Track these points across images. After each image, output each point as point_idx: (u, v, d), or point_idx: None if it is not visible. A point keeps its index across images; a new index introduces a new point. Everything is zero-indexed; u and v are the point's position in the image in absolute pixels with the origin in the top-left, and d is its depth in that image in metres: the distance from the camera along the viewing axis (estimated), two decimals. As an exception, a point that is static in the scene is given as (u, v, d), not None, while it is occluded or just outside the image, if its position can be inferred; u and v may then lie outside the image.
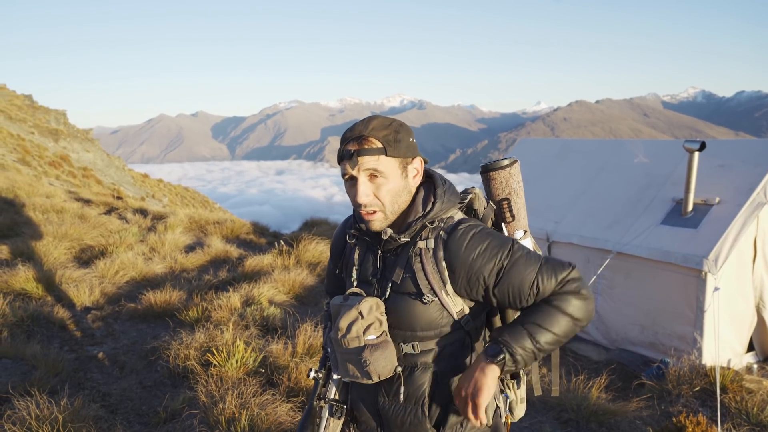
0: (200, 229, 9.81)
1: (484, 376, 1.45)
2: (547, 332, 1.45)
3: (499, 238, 1.52)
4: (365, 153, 1.48)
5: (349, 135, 1.52)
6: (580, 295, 1.48)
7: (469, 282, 1.50)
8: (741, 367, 5.47)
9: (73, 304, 5.62)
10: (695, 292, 5.19)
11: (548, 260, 1.51)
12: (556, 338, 1.46)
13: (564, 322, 1.46)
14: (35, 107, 33.62)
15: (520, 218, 1.74)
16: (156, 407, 3.72)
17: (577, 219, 6.45)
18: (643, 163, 6.52)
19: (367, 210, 1.52)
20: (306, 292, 6.63)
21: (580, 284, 1.49)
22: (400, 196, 1.54)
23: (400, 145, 1.51)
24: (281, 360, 4.21)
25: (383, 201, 1.52)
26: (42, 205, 9.76)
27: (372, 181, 1.51)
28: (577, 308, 1.47)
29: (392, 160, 1.51)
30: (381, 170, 1.49)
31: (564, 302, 1.47)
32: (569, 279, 1.48)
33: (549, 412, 4.31)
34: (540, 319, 1.46)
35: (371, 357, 1.49)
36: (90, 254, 7.47)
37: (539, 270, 1.48)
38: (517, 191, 1.73)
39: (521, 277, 1.48)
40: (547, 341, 1.45)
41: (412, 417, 1.57)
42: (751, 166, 5.49)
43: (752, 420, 4.23)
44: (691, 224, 5.45)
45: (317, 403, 1.68)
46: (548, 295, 1.49)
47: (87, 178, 22.07)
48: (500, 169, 1.73)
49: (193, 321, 5.13)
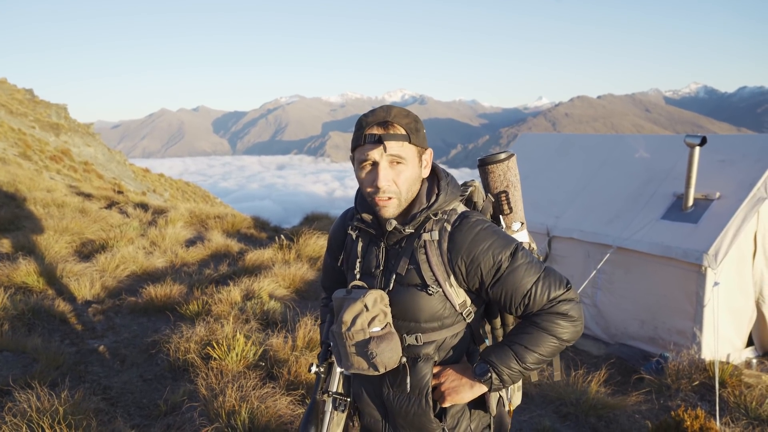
0: (201, 224, 9.82)
1: (469, 392, 1.55)
2: (532, 353, 1.50)
3: (504, 239, 1.53)
4: (391, 138, 1.48)
5: (371, 119, 1.50)
6: (569, 317, 1.50)
7: (467, 275, 1.52)
8: (740, 361, 5.49)
9: (74, 298, 5.63)
10: (695, 286, 5.20)
11: (547, 274, 1.52)
12: (542, 358, 1.52)
13: (550, 343, 1.50)
14: (36, 101, 33.61)
15: (517, 210, 1.76)
16: (156, 400, 3.73)
17: (577, 214, 6.45)
18: (644, 158, 6.51)
19: (382, 196, 1.52)
20: (306, 286, 6.64)
21: (571, 306, 1.50)
22: (414, 185, 1.56)
23: (419, 134, 1.54)
24: (281, 353, 4.22)
25: (400, 188, 1.53)
26: (43, 199, 9.77)
27: (392, 167, 1.51)
28: (564, 330, 1.50)
29: (413, 148, 1.53)
30: (404, 156, 1.51)
31: (551, 324, 1.49)
32: (561, 299, 1.50)
33: (548, 406, 4.32)
34: (526, 340, 1.50)
35: (377, 349, 1.50)
36: (91, 248, 7.48)
37: (535, 283, 1.49)
38: (514, 184, 1.76)
39: (516, 285, 1.50)
40: (533, 361, 1.51)
41: (416, 407, 1.58)
42: (752, 161, 5.49)
43: (751, 414, 4.25)
44: (691, 219, 5.45)
45: (320, 397, 1.69)
46: (537, 310, 1.51)
47: (88, 172, 22.08)
48: (498, 162, 1.75)
49: (194, 315, 5.15)
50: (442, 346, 1.59)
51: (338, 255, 1.77)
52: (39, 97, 34.90)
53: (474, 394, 1.55)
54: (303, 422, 1.64)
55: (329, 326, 1.73)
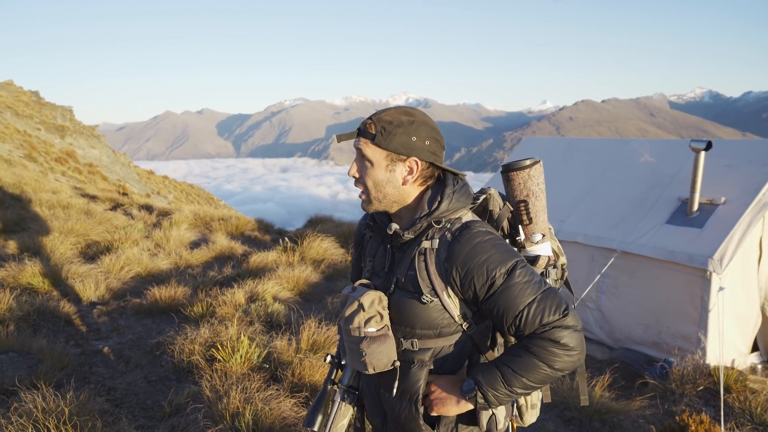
0: (205, 226, 9.85)
1: (455, 407, 1.52)
2: (520, 378, 1.44)
3: (502, 254, 1.47)
4: (361, 134, 1.55)
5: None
6: (562, 345, 1.40)
7: (461, 287, 1.49)
8: (745, 367, 5.46)
9: (79, 299, 5.66)
10: (700, 291, 5.18)
11: (545, 297, 1.44)
12: (531, 384, 1.45)
13: (540, 370, 1.43)
14: (42, 103, 33.78)
15: (538, 221, 1.70)
16: (161, 401, 3.74)
17: (581, 218, 6.44)
18: (649, 162, 6.50)
19: (356, 186, 1.59)
20: (310, 288, 6.65)
21: (566, 333, 1.41)
22: (384, 187, 1.55)
23: (392, 138, 1.50)
24: (285, 356, 4.23)
25: (366, 185, 1.56)
26: (48, 201, 9.82)
27: (362, 162, 1.57)
28: (556, 359, 1.41)
29: (378, 150, 1.53)
30: (367, 155, 1.54)
31: (543, 350, 1.41)
32: (556, 326, 1.41)
33: (552, 410, 4.31)
34: (516, 364, 1.44)
35: (368, 349, 1.51)
36: (96, 250, 7.52)
37: (528, 305, 1.42)
38: (536, 193, 1.69)
39: (508, 304, 1.43)
40: (520, 386, 1.45)
41: (406, 412, 1.58)
42: (758, 166, 5.47)
43: (756, 420, 4.23)
44: (696, 224, 5.43)
45: (331, 387, 1.71)
46: (529, 334, 1.44)
47: (93, 174, 22.17)
48: (519, 170, 1.69)
49: (198, 316, 5.16)
50: (438, 354, 1.56)
51: (358, 252, 1.80)
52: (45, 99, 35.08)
53: (460, 410, 1.52)
54: (311, 409, 1.67)
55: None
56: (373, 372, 1.54)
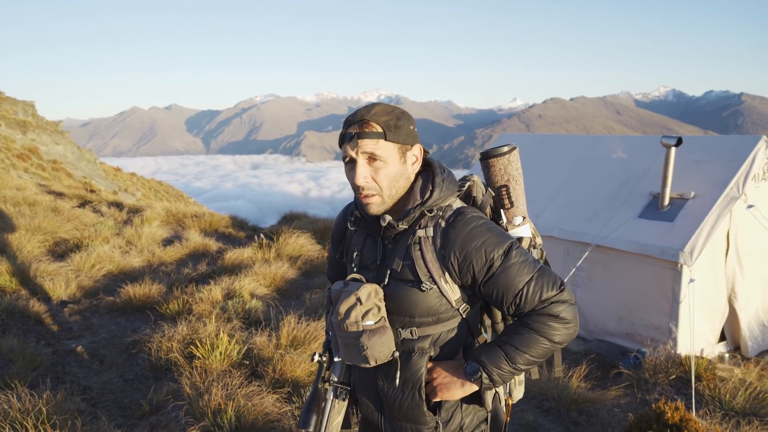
0: (178, 223, 9.67)
1: (460, 389, 1.55)
2: (523, 354, 1.49)
3: (497, 237, 1.52)
4: (365, 136, 1.50)
5: (351, 119, 1.53)
6: (561, 319, 1.47)
7: (460, 271, 1.52)
8: (713, 356, 5.64)
9: (49, 298, 5.50)
10: (671, 283, 5.33)
11: (541, 275, 1.50)
12: (533, 359, 1.51)
13: (541, 345, 1.49)
14: (2, 98, 32.59)
15: (518, 204, 1.75)
16: (139, 400, 3.67)
17: (556, 213, 6.55)
18: (621, 158, 6.64)
19: (365, 193, 1.54)
20: (287, 285, 6.60)
21: (564, 307, 1.48)
22: (397, 181, 1.56)
23: (400, 131, 1.53)
24: (265, 352, 4.19)
25: (380, 185, 1.53)
26: (13, 198, 9.51)
27: (370, 165, 1.52)
28: (556, 332, 1.48)
29: (391, 145, 1.52)
30: (379, 154, 1.51)
31: (543, 325, 1.47)
32: (554, 300, 1.48)
33: (531, 401, 4.38)
34: (517, 341, 1.49)
35: (369, 342, 1.51)
36: (65, 247, 7.31)
37: (527, 283, 1.48)
38: (515, 178, 1.75)
39: (508, 284, 1.48)
40: (524, 363, 1.50)
41: (409, 401, 1.59)
42: (725, 161, 5.65)
43: (725, 406, 4.37)
44: (667, 218, 5.58)
45: (322, 385, 1.69)
46: (529, 311, 1.49)
47: (57, 171, 21.54)
48: (499, 156, 1.74)
49: (175, 314, 5.07)
50: (437, 340, 1.59)
51: (339, 247, 1.78)
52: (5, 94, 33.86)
53: (465, 392, 1.55)
54: (304, 410, 1.65)
55: (330, 316, 1.74)
56: (375, 364, 1.55)
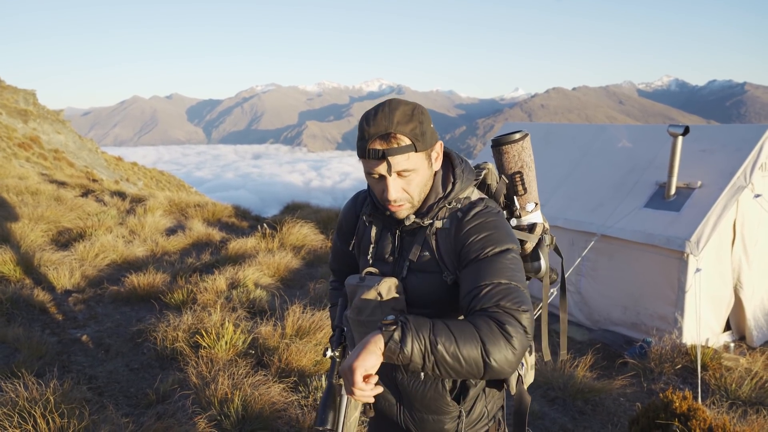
0: (181, 212, 9.66)
1: (372, 344, 1.26)
2: (450, 336, 1.25)
3: (501, 237, 1.45)
4: (395, 153, 1.40)
5: (373, 131, 1.40)
6: (505, 332, 1.27)
7: (459, 256, 1.49)
8: (719, 345, 5.63)
9: (53, 287, 5.49)
10: (677, 273, 5.31)
11: (516, 289, 1.35)
12: (456, 355, 1.24)
13: (472, 342, 1.25)
14: (3, 87, 32.48)
15: (532, 191, 1.74)
16: (145, 389, 3.67)
17: (561, 202, 6.52)
18: (627, 147, 6.60)
19: (394, 204, 1.48)
20: (291, 275, 6.59)
21: (514, 326, 1.28)
22: (427, 184, 1.52)
23: (426, 136, 1.45)
24: (271, 341, 4.18)
25: (412, 194, 1.48)
26: (16, 187, 9.49)
27: (401, 178, 1.46)
28: (494, 345, 1.25)
29: (420, 155, 1.46)
30: (409, 167, 1.44)
31: (485, 326, 1.28)
32: (509, 311, 1.30)
33: (536, 390, 4.38)
34: (453, 324, 1.29)
35: None
36: (68, 237, 7.30)
37: (497, 284, 1.35)
38: (528, 164, 1.73)
39: (482, 273, 1.38)
40: (446, 350, 1.24)
41: (432, 392, 1.57)
42: (732, 150, 5.60)
43: (731, 395, 4.37)
44: (673, 207, 5.55)
45: (336, 381, 1.67)
46: (480, 309, 1.33)
47: (58, 160, 21.52)
48: (513, 143, 1.71)
49: (179, 303, 5.07)
50: None
51: (349, 239, 1.73)
52: (6, 82, 33.73)
53: (369, 350, 1.25)
54: (321, 406, 1.62)
55: (342, 311, 1.71)
56: None
